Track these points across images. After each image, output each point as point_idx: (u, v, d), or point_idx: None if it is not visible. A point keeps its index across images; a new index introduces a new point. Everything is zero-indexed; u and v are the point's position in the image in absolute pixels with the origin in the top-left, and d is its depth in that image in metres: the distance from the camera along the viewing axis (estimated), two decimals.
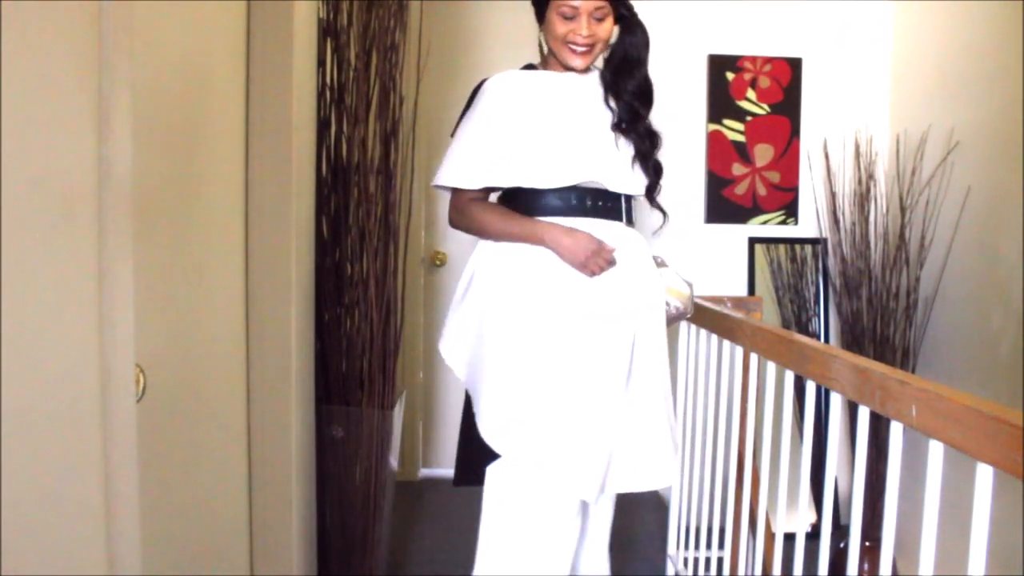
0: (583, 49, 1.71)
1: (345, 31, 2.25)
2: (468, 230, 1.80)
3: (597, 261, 1.66)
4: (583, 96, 1.78)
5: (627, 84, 1.77)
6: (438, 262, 3.68)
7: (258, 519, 1.93)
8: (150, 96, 1.34)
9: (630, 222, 1.81)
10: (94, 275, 0.97)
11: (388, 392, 2.29)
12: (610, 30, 1.72)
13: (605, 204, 1.75)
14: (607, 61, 1.79)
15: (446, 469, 3.76)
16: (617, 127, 1.77)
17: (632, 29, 1.76)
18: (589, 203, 1.73)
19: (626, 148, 1.78)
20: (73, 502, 0.94)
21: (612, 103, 1.79)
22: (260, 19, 1.85)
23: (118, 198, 1.00)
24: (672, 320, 1.89)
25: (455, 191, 1.79)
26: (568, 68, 1.76)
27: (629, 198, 1.80)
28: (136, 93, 1.10)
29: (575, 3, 1.66)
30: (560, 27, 1.69)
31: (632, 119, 1.78)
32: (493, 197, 1.83)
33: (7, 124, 0.81)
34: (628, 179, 1.77)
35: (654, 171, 1.80)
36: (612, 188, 1.74)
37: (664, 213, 1.82)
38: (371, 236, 2.25)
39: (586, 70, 1.78)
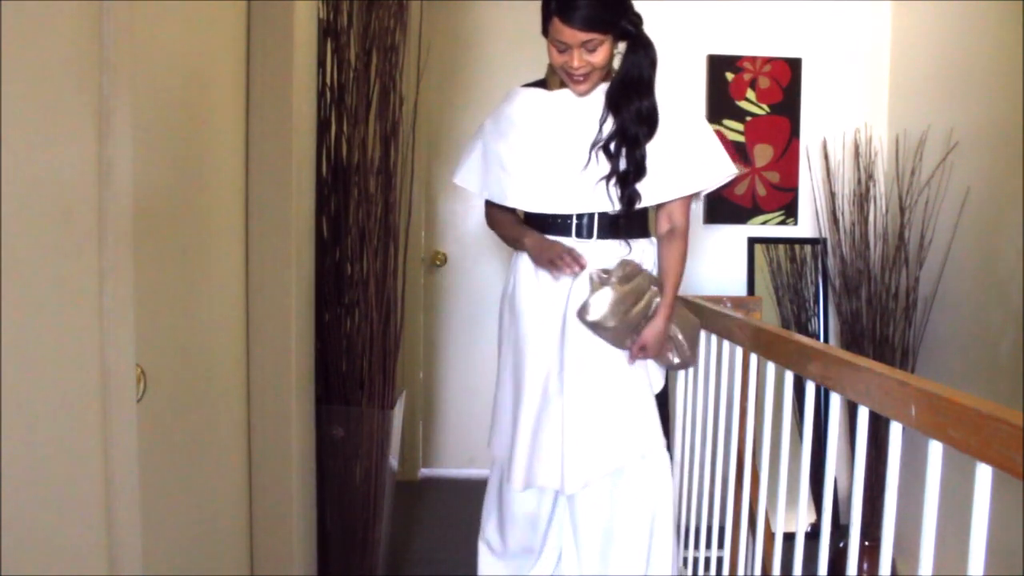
0: (579, 78, 1.76)
1: (345, 31, 2.25)
2: (491, 228, 2.06)
3: (549, 255, 1.82)
4: (567, 116, 1.83)
5: (625, 105, 1.78)
6: (438, 262, 3.68)
7: (258, 519, 1.93)
8: (150, 96, 1.34)
9: (591, 235, 1.85)
10: (94, 275, 0.97)
11: (388, 392, 2.29)
12: (607, 55, 1.75)
13: (554, 219, 1.87)
14: (614, 79, 1.81)
15: (446, 469, 3.76)
16: (600, 146, 1.79)
17: (635, 48, 1.77)
18: (538, 217, 1.90)
19: (597, 168, 1.80)
20: (73, 502, 0.94)
21: (608, 121, 1.80)
22: (260, 19, 1.85)
23: (118, 198, 1.00)
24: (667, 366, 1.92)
25: None
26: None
27: (593, 213, 1.84)
28: (136, 93, 1.10)
29: (563, 39, 1.71)
30: (556, 57, 1.76)
31: (622, 141, 1.79)
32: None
33: (7, 124, 0.81)
34: (578, 199, 1.82)
35: (628, 200, 1.80)
36: (536, 211, 1.87)
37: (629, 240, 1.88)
38: (371, 236, 2.25)
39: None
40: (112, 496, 1.00)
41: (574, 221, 1.86)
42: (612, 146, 1.79)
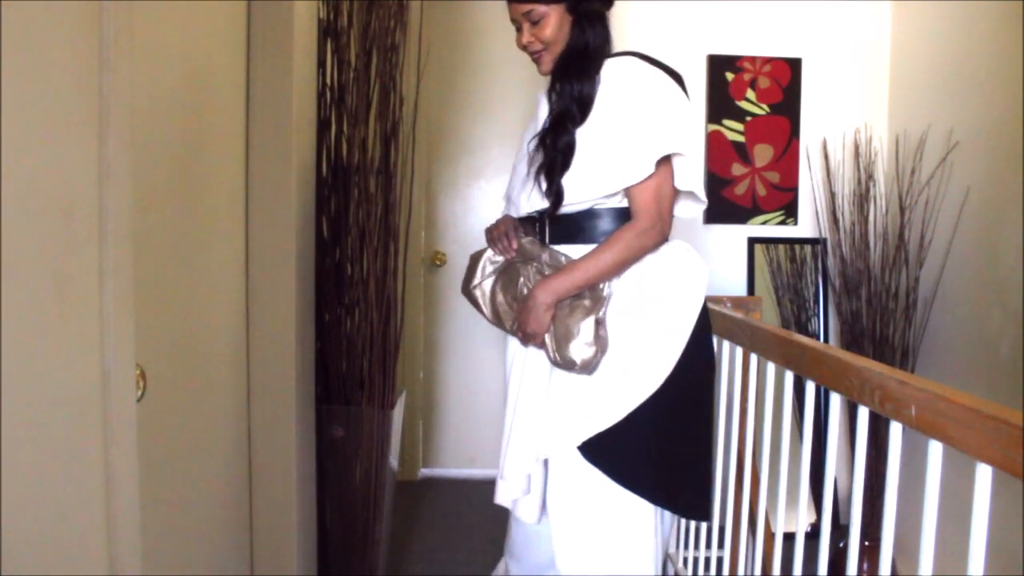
0: (535, 58, 1.65)
1: (345, 31, 2.25)
2: None
3: (488, 235, 1.73)
4: (538, 112, 1.70)
5: (558, 85, 1.60)
6: (438, 262, 3.68)
7: (258, 519, 1.93)
8: (150, 96, 1.34)
9: (547, 239, 1.65)
10: (94, 275, 0.97)
11: (388, 392, 2.29)
12: (553, 29, 1.59)
13: (527, 221, 1.70)
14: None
15: (446, 469, 3.76)
16: (540, 136, 1.62)
17: (577, 21, 1.60)
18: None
19: (535, 162, 1.62)
20: (73, 502, 0.94)
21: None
22: (260, 19, 1.85)
23: (118, 198, 1.00)
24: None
25: None
26: None
27: (544, 214, 1.63)
28: (136, 93, 1.10)
29: (513, 16, 1.64)
30: (517, 40, 1.67)
31: (552, 125, 1.59)
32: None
33: (7, 125, 0.81)
34: (523, 199, 1.64)
35: (555, 195, 1.57)
36: (508, 212, 1.74)
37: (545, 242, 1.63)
38: (371, 236, 2.25)
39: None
40: (112, 496, 1.00)
41: (536, 224, 1.67)
42: (548, 136, 1.60)
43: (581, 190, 1.58)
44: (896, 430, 1.25)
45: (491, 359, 3.74)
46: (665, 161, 1.57)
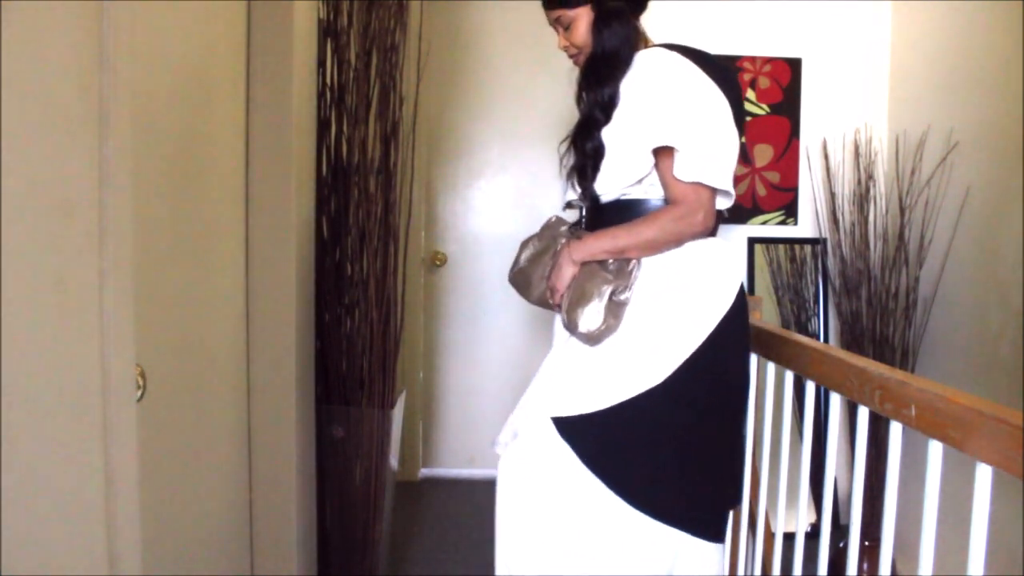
0: (572, 59, 1.68)
1: (345, 31, 2.25)
2: None
3: None
4: None
5: (586, 89, 1.62)
6: (438, 262, 3.68)
7: (258, 519, 1.93)
8: (150, 96, 1.34)
9: (587, 228, 1.67)
10: (94, 275, 0.97)
11: (388, 392, 2.29)
12: (584, 33, 1.61)
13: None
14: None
15: (446, 469, 3.76)
16: (569, 138, 1.66)
17: (598, 25, 1.60)
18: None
19: (569, 160, 1.66)
20: (73, 502, 0.94)
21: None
22: (260, 19, 1.85)
23: (118, 198, 1.00)
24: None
25: None
26: None
27: (593, 207, 1.66)
28: (136, 93, 1.10)
29: (548, 22, 1.66)
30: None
31: (579, 129, 1.61)
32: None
33: (7, 124, 0.81)
34: (567, 192, 1.70)
35: (591, 199, 1.60)
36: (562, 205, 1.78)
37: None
38: (371, 236, 2.25)
39: None
40: (112, 496, 1.00)
41: (582, 213, 1.72)
42: (578, 139, 1.63)
43: (606, 182, 1.59)
44: (896, 430, 1.25)
45: (491, 359, 3.74)
46: None
